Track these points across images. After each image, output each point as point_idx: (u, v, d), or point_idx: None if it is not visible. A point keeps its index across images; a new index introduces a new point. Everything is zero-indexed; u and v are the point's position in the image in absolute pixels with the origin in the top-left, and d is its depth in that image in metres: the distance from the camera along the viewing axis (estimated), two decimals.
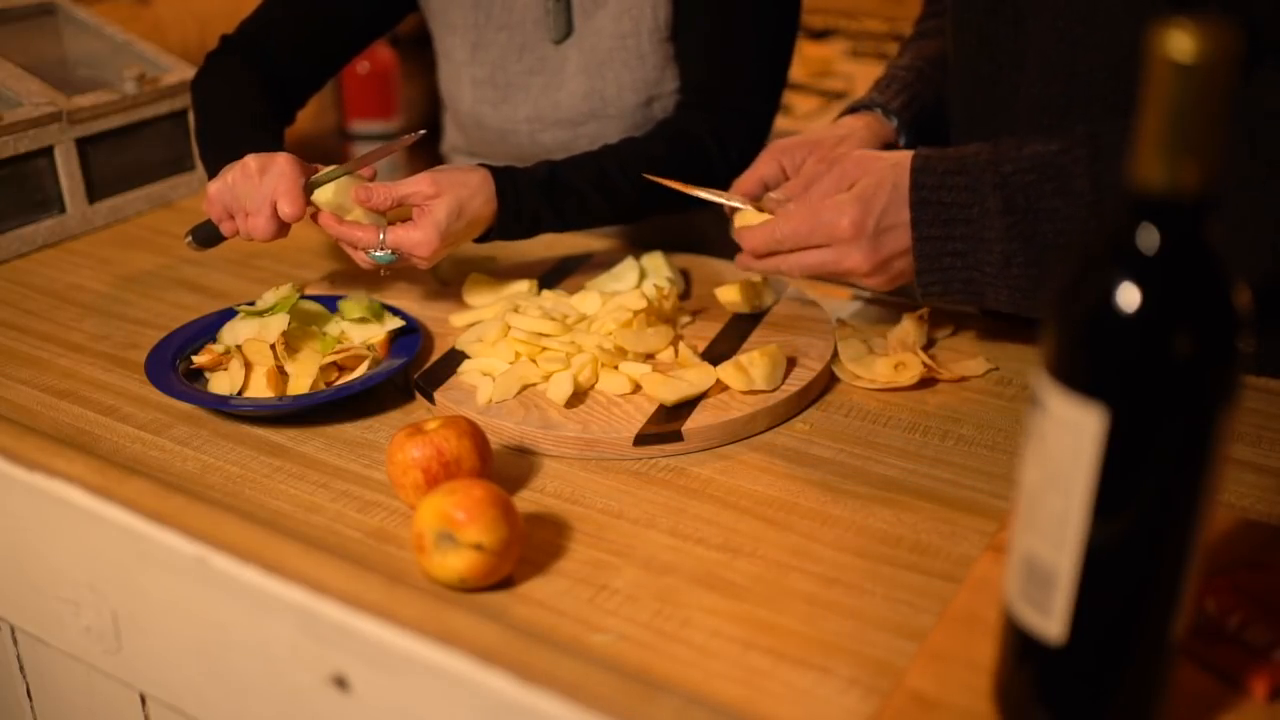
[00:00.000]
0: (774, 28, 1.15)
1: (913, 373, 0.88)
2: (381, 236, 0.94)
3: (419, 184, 0.95)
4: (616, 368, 0.88)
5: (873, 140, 1.00)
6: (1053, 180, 0.76)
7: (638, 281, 1.03)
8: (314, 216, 0.98)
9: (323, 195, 0.96)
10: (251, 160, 0.97)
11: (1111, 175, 0.74)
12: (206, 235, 1.04)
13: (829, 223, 0.83)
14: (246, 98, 1.12)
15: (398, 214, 0.98)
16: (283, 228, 0.97)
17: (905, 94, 1.03)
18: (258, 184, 0.96)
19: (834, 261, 0.84)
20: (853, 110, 1.04)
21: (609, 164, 1.06)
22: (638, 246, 1.15)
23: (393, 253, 0.94)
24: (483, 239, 1.03)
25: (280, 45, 1.18)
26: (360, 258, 0.97)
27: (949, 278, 0.81)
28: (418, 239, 0.94)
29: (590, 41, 1.17)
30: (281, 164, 0.96)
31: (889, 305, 1.03)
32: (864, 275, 0.84)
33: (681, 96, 1.18)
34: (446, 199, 0.94)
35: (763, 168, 0.99)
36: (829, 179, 0.86)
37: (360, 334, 0.93)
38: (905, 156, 0.83)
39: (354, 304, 0.94)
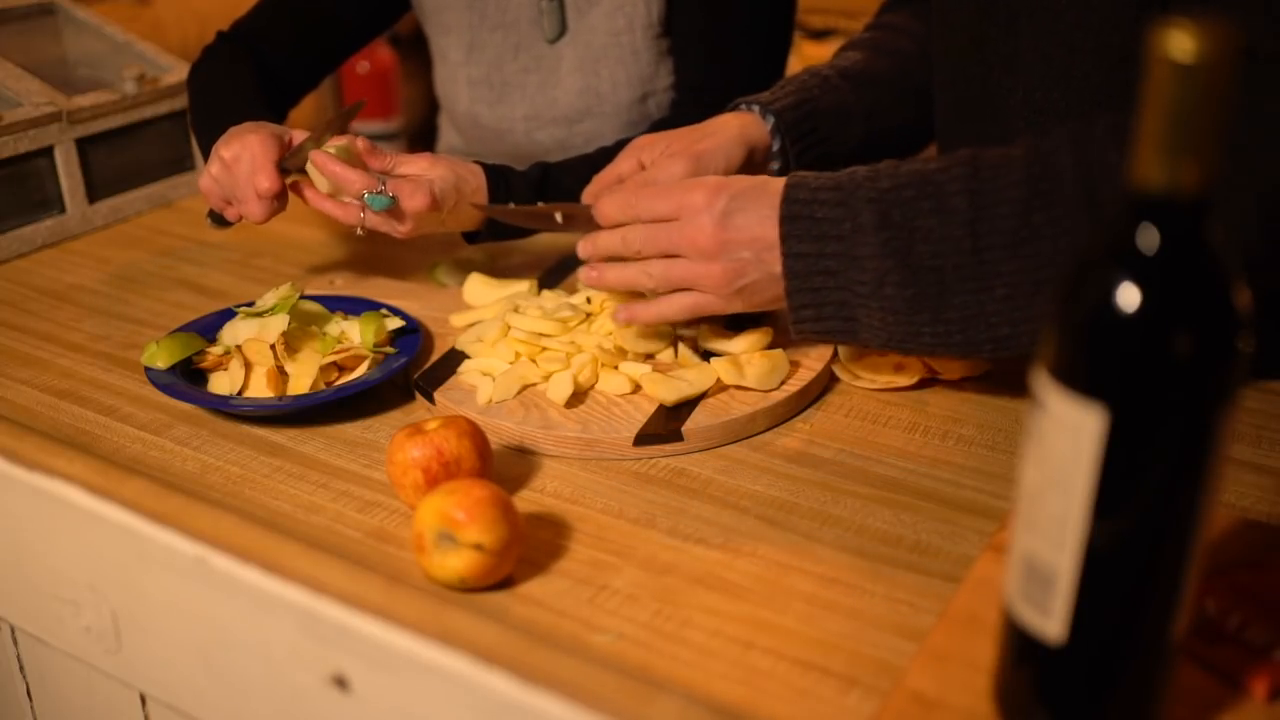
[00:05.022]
0: (768, 25, 1.15)
1: (913, 373, 0.88)
2: (381, 185, 0.95)
3: (418, 157, 0.99)
4: (616, 368, 0.88)
5: (740, 136, 0.95)
6: (929, 198, 0.72)
7: None
8: (293, 186, 0.99)
9: (317, 178, 0.98)
10: (224, 151, 0.99)
11: (989, 195, 0.71)
12: (219, 217, 1.06)
13: (682, 194, 0.80)
14: (239, 82, 1.13)
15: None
16: (275, 205, 0.99)
17: (795, 96, 0.98)
18: (235, 173, 0.98)
19: (677, 232, 0.79)
20: (734, 108, 1.00)
21: (602, 165, 1.06)
22: None
23: (391, 198, 0.95)
24: (474, 238, 1.04)
25: (275, 44, 1.19)
26: (339, 213, 0.96)
27: (821, 299, 0.76)
28: (414, 190, 0.95)
29: (584, 39, 1.17)
30: (251, 145, 0.98)
31: None
32: (707, 256, 0.79)
33: (677, 95, 1.18)
34: (443, 169, 0.98)
35: (622, 164, 0.96)
36: (669, 179, 0.87)
37: (390, 325, 0.94)
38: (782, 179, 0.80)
39: (366, 323, 0.93)
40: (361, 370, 0.89)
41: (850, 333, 0.77)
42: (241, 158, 0.98)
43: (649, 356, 0.90)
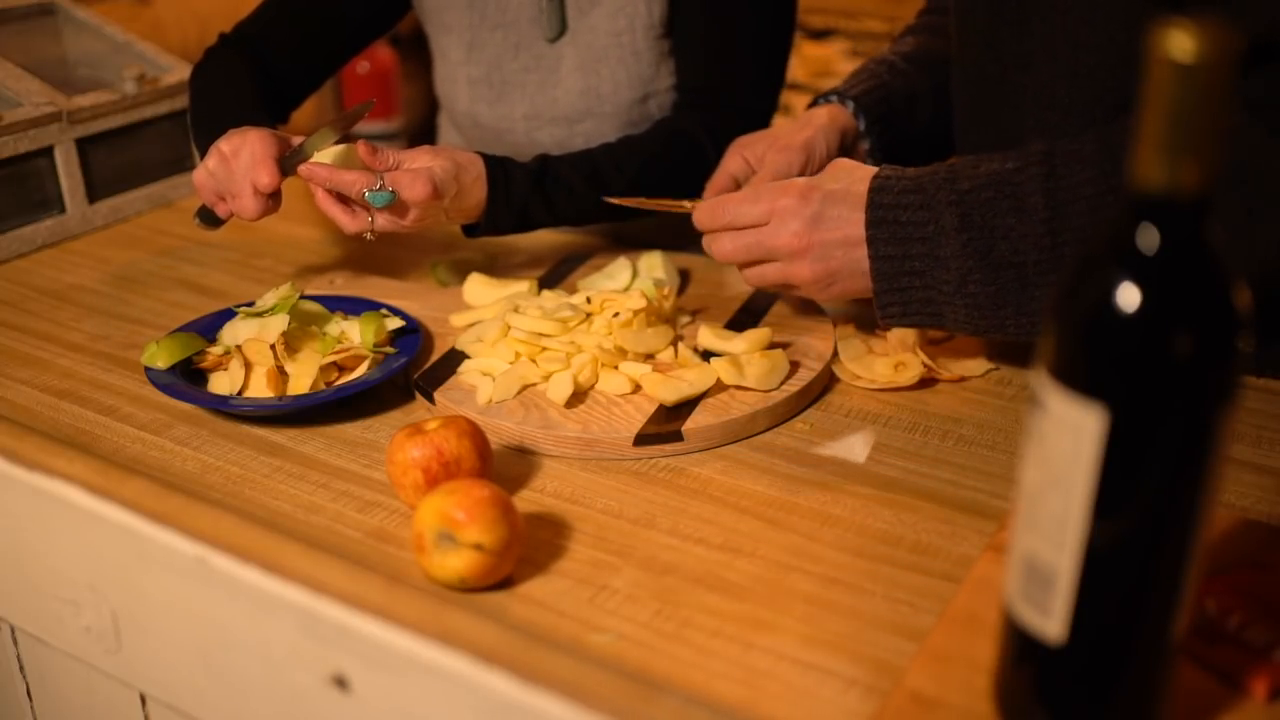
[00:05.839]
0: (770, 26, 1.15)
1: (913, 373, 0.88)
2: (380, 181, 0.95)
3: (418, 151, 0.99)
4: (616, 368, 0.88)
5: (832, 127, 1.01)
6: (1008, 198, 0.76)
7: (630, 281, 1.03)
8: (302, 176, 0.99)
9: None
10: (224, 144, 0.99)
11: (1066, 193, 0.74)
12: (209, 216, 1.06)
13: (773, 195, 0.84)
14: (239, 83, 1.13)
15: None
16: (269, 203, 0.99)
17: (869, 83, 1.04)
18: (234, 167, 0.99)
19: (770, 235, 0.83)
20: (815, 104, 1.07)
21: (602, 159, 1.07)
22: (639, 245, 1.15)
23: (391, 192, 0.95)
24: (473, 232, 1.04)
25: (277, 45, 1.20)
26: (345, 220, 0.97)
27: (907, 298, 0.81)
28: (413, 180, 0.95)
29: (585, 39, 1.17)
30: (252, 141, 0.98)
31: None
32: (799, 257, 0.83)
33: (678, 96, 1.19)
34: (443, 159, 0.98)
35: (730, 164, 1.02)
36: (787, 169, 0.93)
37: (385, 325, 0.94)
38: (867, 173, 0.83)
39: (366, 323, 0.93)
40: (361, 370, 0.89)
41: (936, 324, 0.82)
42: (241, 152, 0.98)
43: (649, 356, 0.90)
